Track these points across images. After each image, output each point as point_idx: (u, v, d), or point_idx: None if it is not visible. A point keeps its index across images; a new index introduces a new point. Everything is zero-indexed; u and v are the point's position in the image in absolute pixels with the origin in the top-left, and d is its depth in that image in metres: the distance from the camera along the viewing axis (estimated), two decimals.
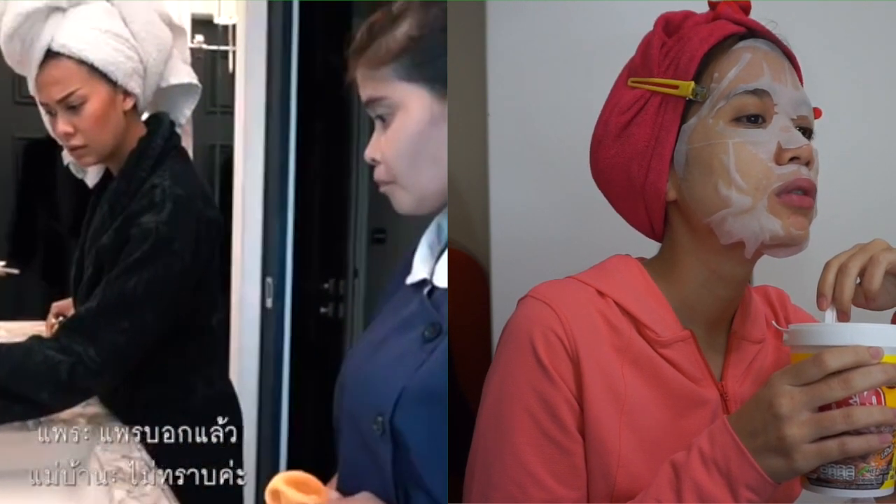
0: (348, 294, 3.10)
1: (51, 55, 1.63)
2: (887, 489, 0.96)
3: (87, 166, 1.84)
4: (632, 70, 1.14)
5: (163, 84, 1.79)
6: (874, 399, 0.92)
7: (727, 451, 0.95)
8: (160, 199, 1.64)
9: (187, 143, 1.89)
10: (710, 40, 1.08)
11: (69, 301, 1.93)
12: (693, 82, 1.07)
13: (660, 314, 1.09)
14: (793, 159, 1.03)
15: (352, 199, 3.17)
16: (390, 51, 1.02)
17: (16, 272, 3.38)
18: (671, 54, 1.10)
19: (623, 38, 1.17)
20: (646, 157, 1.09)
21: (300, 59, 2.96)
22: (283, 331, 2.96)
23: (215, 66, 3.89)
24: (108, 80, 1.65)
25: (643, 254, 1.17)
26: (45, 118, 1.72)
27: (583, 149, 1.17)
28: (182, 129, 1.86)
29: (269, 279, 2.99)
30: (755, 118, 1.05)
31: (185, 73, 1.84)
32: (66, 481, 1.33)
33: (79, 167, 1.88)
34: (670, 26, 1.12)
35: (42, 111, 1.72)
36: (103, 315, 1.58)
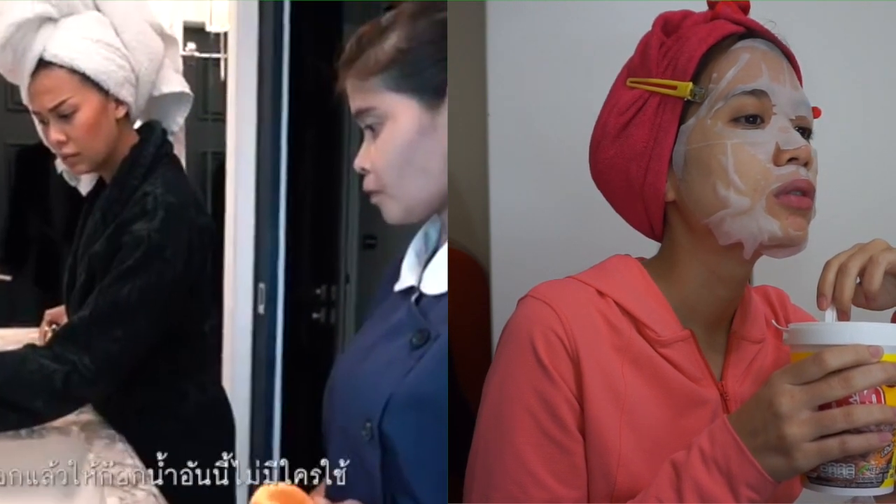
0: (340, 300, 3.11)
1: (43, 64, 1.63)
2: (887, 487, 0.96)
3: (79, 174, 1.84)
4: (631, 70, 1.14)
5: (155, 93, 1.80)
6: (874, 398, 0.92)
7: (727, 450, 0.95)
8: (152, 206, 1.64)
9: (180, 150, 1.90)
10: (708, 40, 1.08)
11: (63, 308, 1.92)
12: (691, 83, 1.07)
13: (660, 314, 1.09)
14: (791, 160, 1.03)
15: (343, 206, 3.18)
16: (379, 62, 1.04)
17: (8, 279, 3.37)
18: (670, 54, 1.10)
19: (623, 38, 1.17)
20: (644, 157, 1.09)
21: (291, 67, 2.97)
22: (276, 336, 2.96)
23: (207, 74, 3.89)
24: (99, 88, 1.66)
25: (643, 254, 1.17)
26: (39, 127, 1.73)
27: (583, 149, 1.17)
28: (174, 136, 1.87)
29: (262, 285, 2.99)
30: (753, 119, 1.05)
31: (176, 81, 1.85)
32: (59, 488, 1.32)
33: (72, 175, 1.88)
34: (669, 26, 1.12)
35: (35, 120, 1.72)
36: (96, 323, 1.58)
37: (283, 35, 2.96)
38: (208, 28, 3.75)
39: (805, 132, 1.08)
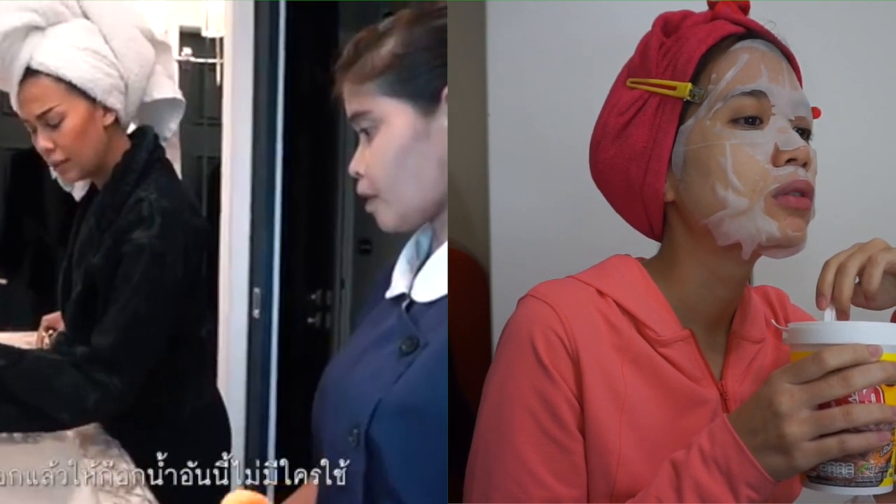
0: (335, 304, 3.10)
1: (30, 73, 1.65)
2: (886, 486, 0.96)
3: (71, 181, 1.84)
4: (630, 70, 1.14)
5: (146, 99, 1.81)
6: (873, 397, 0.93)
7: (727, 449, 0.95)
8: (148, 213, 1.64)
9: (175, 155, 1.90)
10: (707, 41, 1.08)
11: (59, 314, 1.92)
12: (690, 84, 1.07)
13: (659, 314, 1.09)
14: (790, 161, 1.03)
15: (338, 211, 3.17)
16: (375, 67, 1.04)
17: (3, 282, 3.36)
18: (669, 55, 1.10)
19: (623, 38, 1.17)
20: (644, 158, 1.10)
21: (287, 72, 2.96)
22: (271, 341, 2.96)
23: (203, 79, 3.90)
24: (86, 96, 1.67)
25: (643, 254, 1.18)
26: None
27: (583, 149, 1.17)
28: (168, 141, 1.87)
29: (257, 289, 2.98)
30: (752, 120, 1.05)
31: (168, 87, 1.86)
32: (53, 494, 1.32)
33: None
34: (668, 26, 1.12)
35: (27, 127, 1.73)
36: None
37: (279, 40, 2.96)
38: (204, 33, 3.75)
39: (804, 133, 1.08)
